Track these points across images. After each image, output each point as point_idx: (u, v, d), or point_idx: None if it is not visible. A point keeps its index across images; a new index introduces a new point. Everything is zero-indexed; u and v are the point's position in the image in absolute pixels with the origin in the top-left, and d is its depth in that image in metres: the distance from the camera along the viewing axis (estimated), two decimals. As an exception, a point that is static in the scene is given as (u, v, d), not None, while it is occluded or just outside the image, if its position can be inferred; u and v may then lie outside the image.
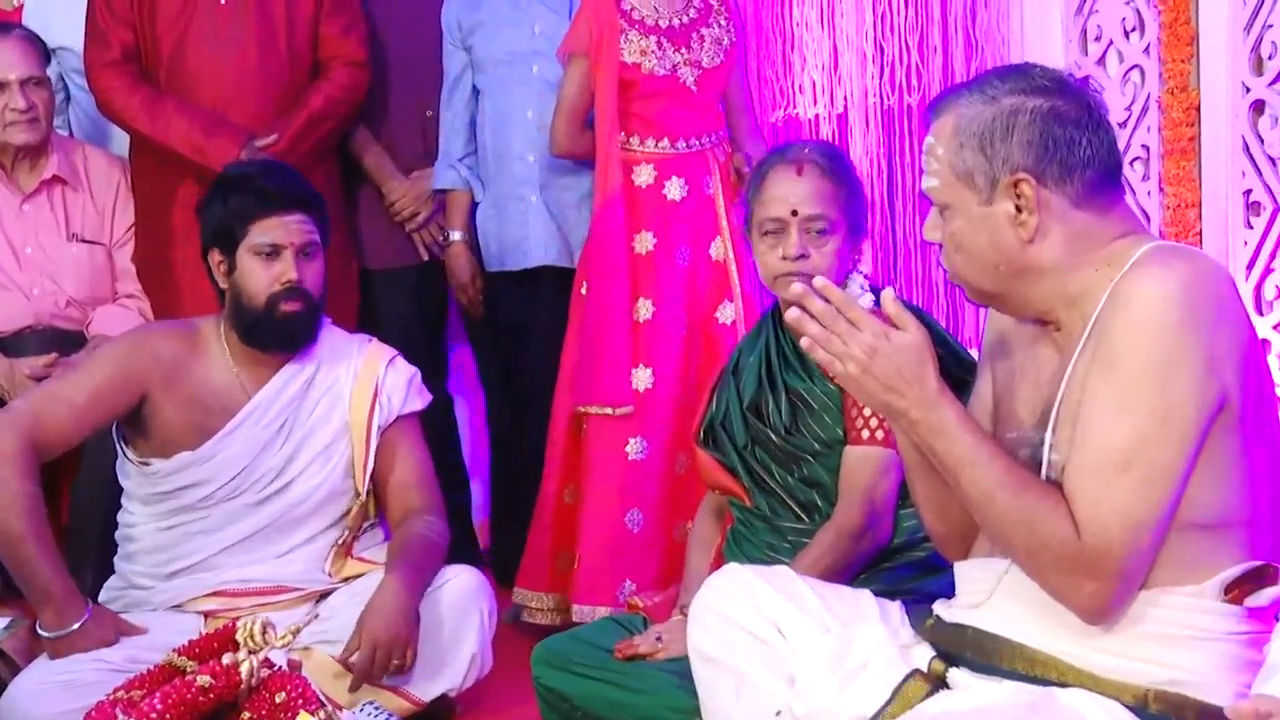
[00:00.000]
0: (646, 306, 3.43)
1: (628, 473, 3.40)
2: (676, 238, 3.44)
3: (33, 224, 3.55)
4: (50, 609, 2.66)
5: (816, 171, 2.56)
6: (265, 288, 2.81)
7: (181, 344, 2.87)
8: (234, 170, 2.99)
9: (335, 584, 2.89)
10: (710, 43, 3.46)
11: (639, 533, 3.40)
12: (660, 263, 3.44)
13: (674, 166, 3.45)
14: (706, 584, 2.17)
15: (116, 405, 2.81)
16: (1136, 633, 1.77)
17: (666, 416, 3.42)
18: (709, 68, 3.45)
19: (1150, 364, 1.71)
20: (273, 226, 2.80)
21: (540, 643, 2.71)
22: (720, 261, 3.47)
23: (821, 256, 2.54)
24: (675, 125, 3.44)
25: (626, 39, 3.40)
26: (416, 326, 3.79)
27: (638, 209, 3.44)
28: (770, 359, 2.64)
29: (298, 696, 2.28)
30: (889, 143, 3.72)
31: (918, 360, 1.81)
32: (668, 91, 3.42)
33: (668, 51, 3.41)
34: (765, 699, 2.01)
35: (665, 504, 3.42)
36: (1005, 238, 1.82)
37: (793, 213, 2.55)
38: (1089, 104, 1.82)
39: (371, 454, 2.91)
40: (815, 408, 2.57)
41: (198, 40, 3.50)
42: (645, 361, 3.42)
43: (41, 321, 3.51)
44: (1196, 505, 1.75)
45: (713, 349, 3.43)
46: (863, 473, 2.49)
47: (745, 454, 2.63)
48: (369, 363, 2.95)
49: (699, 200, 3.46)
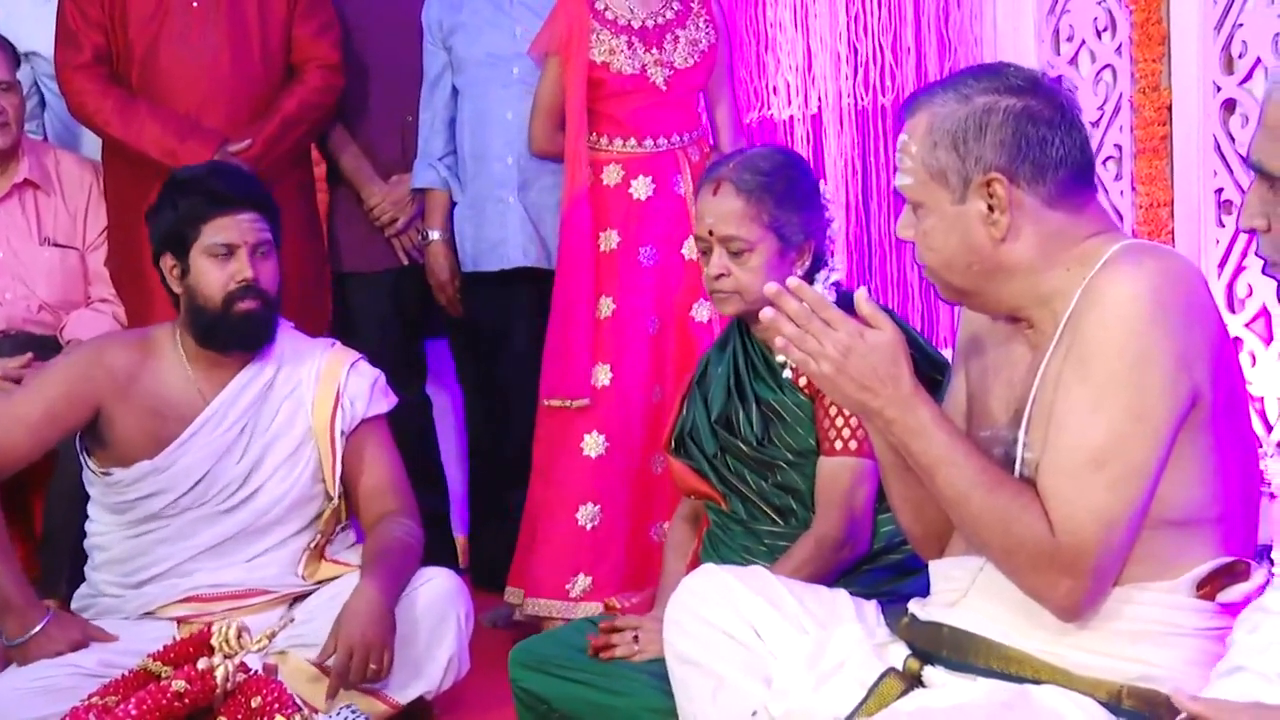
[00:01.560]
0: (608, 304, 3.43)
1: (584, 468, 3.40)
2: (642, 236, 3.44)
3: (4, 228, 3.53)
4: (11, 616, 2.66)
5: (731, 190, 2.53)
6: (221, 287, 2.79)
7: (135, 353, 2.86)
8: (181, 173, 2.97)
9: (309, 586, 2.88)
10: (685, 44, 3.46)
11: (594, 529, 3.38)
12: (623, 261, 3.44)
13: (641, 166, 3.45)
14: (683, 585, 2.17)
15: (70, 420, 2.79)
16: (1110, 629, 1.78)
17: (630, 414, 3.41)
18: (682, 68, 3.45)
19: (1123, 362, 1.72)
20: (225, 226, 2.79)
21: (517, 644, 2.70)
22: (694, 261, 3.45)
23: (745, 273, 2.53)
24: (643, 124, 3.45)
25: (597, 38, 3.41)
26: (395, 329, 3.79)
27: (604, 208, 3.44)
28: (739, 370, 2.64)
29: (273, 700, 2.28)
30: (863, 143, 3.73)
31: (892, 359, 1.81)
32: (637, 90, 3.42)
33: (638, 51, 3.42)
34: (742, 700, 2.02)
35: (634, 502, 3.42)
36: (977, 237, 1.83)
37: (710, 232, 2.55)
38: (1062, 103, 1.83)
39: (338, 459, 2.89)
40: (787, 419, 2.56)
41: (170, 43, 3.48)
42: (605, 359, 3.42)
43: (14, 326, 3.50)
44: (1169, 502, 1.76)
45: (690, 348, 3.42)
46: (839, 483, 2.49)
47: (716, 462, 2.63)
48: (330, 367, 2.93)
49: (667, 199, 3.46)
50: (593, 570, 3.37)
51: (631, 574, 3.39)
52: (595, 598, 3.33)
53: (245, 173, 2.98)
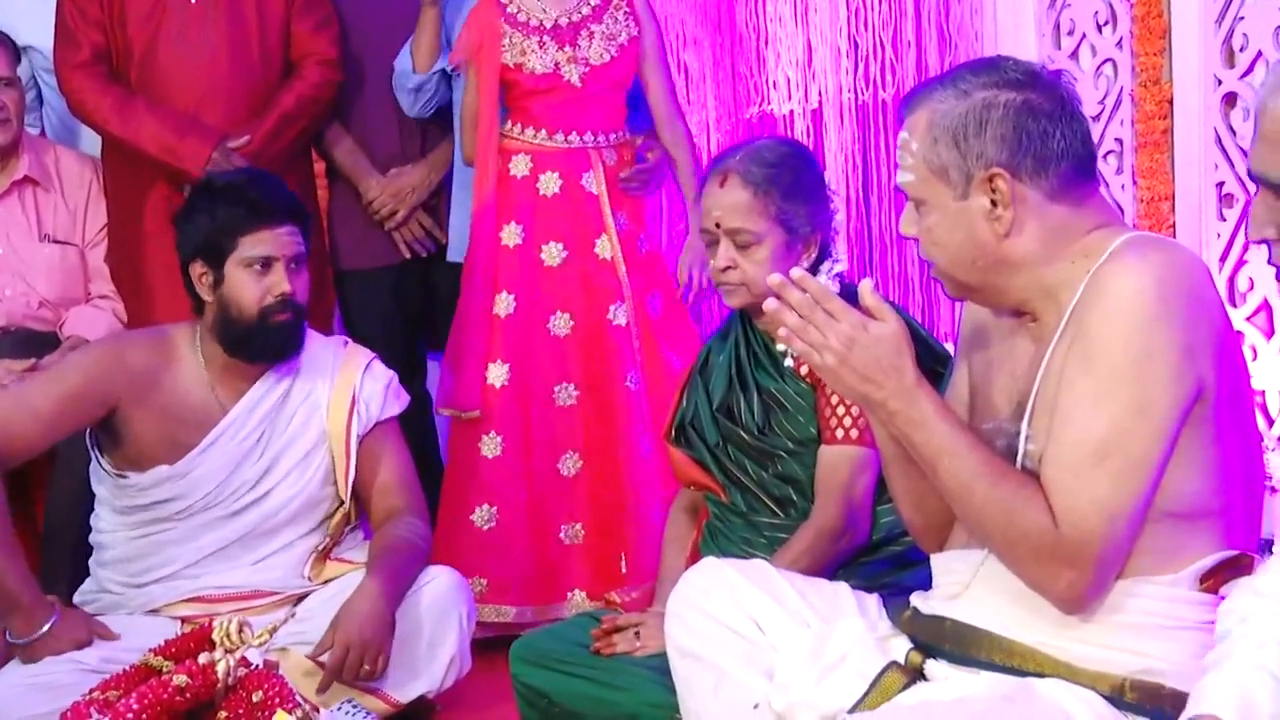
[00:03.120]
0: (508, 300, 3.41)
1: (480, 469, 3.38)
2: (547, 233, 3.42)
3: (4, 225, 3.53)
4: (18, 616, 2.64)
5: (739, 182, 2.53)
6: (257, 300, 2.77)
7: (154, 354, 2.84)
8: (219, 180, 2.93)
9: (314, 586, 2.88)
10: (601, 39, 3.44)
11: (490, 531, 3.37)
12: (525, 257, 3.42)
13: (551, 160, 3.43)
14: (684, 579, 2.17)
15: (83, 415, 2.77)
16: (1113, 622, 1.78)
17: (530, 415, 3.39)
18: (598, 64, 3.43)
19: (1127, 355, 1.72)
20: (265, 240, 2.77)
21: (518, 640, 2.71)
22: (607, 261, 3.44)
23: (752, 265, 2.53)
24: (556, 119, 3.43)
25: (510, 41, 3.41)
26: (397, 326, 3.78)
27: (510, 201, 3.43)
28: (740, 358, 2.64)
29: (275, 695, 2.27)
30: (863, 138, 3.73)
31: (895, 351, 1.81)
32: (551, 89, 3.41)
33: (549, 50, 3.40)
34: (744, 693, 2.01)
35: (535, 505, 3.39)
36: (981, 232, 1.83)
37: (716, 225, 2.55)
38: (1062, 96, 1.82)
39: (351, 463, 2.88)
40: (789, 408, 2.56)
41: (168, 41, 3.48)
42: (503, 357, 3.40)
43: (14, 322, 3.49)
44: (1172, 495, 1.75)
45: (606, 351, 3.40)
46: (839, 472, 2.49)
47: (717, 451, 2.63)
48: (345, 370, 2.92)
49: (575, 196, 3.43)
50: (488, 572, 3.35)
51: (534, 576, 3.37)
52: (492, 600, 3.33)
53: (280, 181, 2.95)
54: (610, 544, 3.38)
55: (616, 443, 3.39)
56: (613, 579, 3.32)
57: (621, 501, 3.38)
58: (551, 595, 3.39)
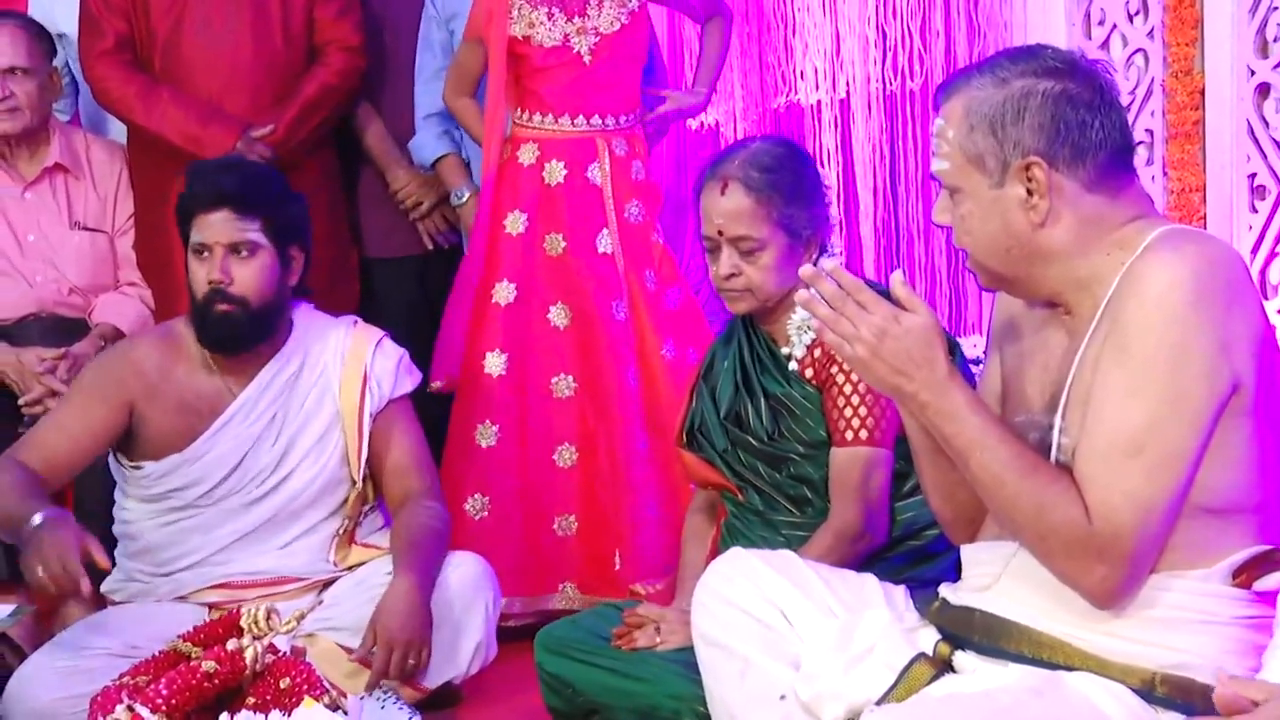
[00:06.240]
0: (509, 290, 3.40)
1: (475, 458, 3.37)
2: (550, 223, 3.41)
3: (35, 211, 3.54)
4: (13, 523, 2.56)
5: (740, 189, 2.51)
6: (199, 288, 2.78)
7: (161, 351, 2.85)
8: (189, 166, 2.95)
9: (340, 572, 2.89)
10: (612, 5, 3.41)
11: (482, 520, 3.36)
12: (529, 247, 3.41)
13: (557, 149, 3.41)
14: (711, 568, 2.17)
15: (110, 427, 2.79)
16: (1144, 616, 1.77)
17: (527, 405, 3.38)
18: (608, 33, 3.39)
19: (1162, 349, 1.71)
20: (202, 225, 2.77)
21: (543, 629, 2.71)
22: (607, 255, 3.43)
23: (756, 270, 2.52)
24: (564, 100, 3.40)
25: (519, 13, 3.38)
26: (424, 314, 3.77)
27: (516, 188, 3.42)
28: (745, 363, 2.62)
29: (302, 682, 2.27)
30: (891, 128, 3.72)
31: (927, 343, 1.80)
32: (560, 65, 3.38)
33: (559, 21, 3.38)
34: (770, 683, 2.01)
35: (529, 495, 3.38)
36: (1016, 221, 1.82)
37: (719, 232, 2.53)
38: (1101, 85, 1.81)
39: (364, 441, 2.88)
40: (797, 412, 2.55)
41: (192, 29, 3.48)
42: (501, 346, 3.38)
43: (44, 309, 3.50)
44: (1207, 490, 1.74)
45: (610, 347, 3.37)
46: (853, 474, 2.49)
47: (727, 456, 2.62)
48: (356, 347, 2.92)
49: (580, 187, 3.41)
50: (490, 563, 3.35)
51: (525, 567, 3.35)
52: None
53: (244, 167, 2.93)
54: (603, 537, 3.36)
55: (613, 436, 3.37)
56: (605, 573, 3.32)
57: (616, 495, 3.36)
58: (542, 586, 3.37)
